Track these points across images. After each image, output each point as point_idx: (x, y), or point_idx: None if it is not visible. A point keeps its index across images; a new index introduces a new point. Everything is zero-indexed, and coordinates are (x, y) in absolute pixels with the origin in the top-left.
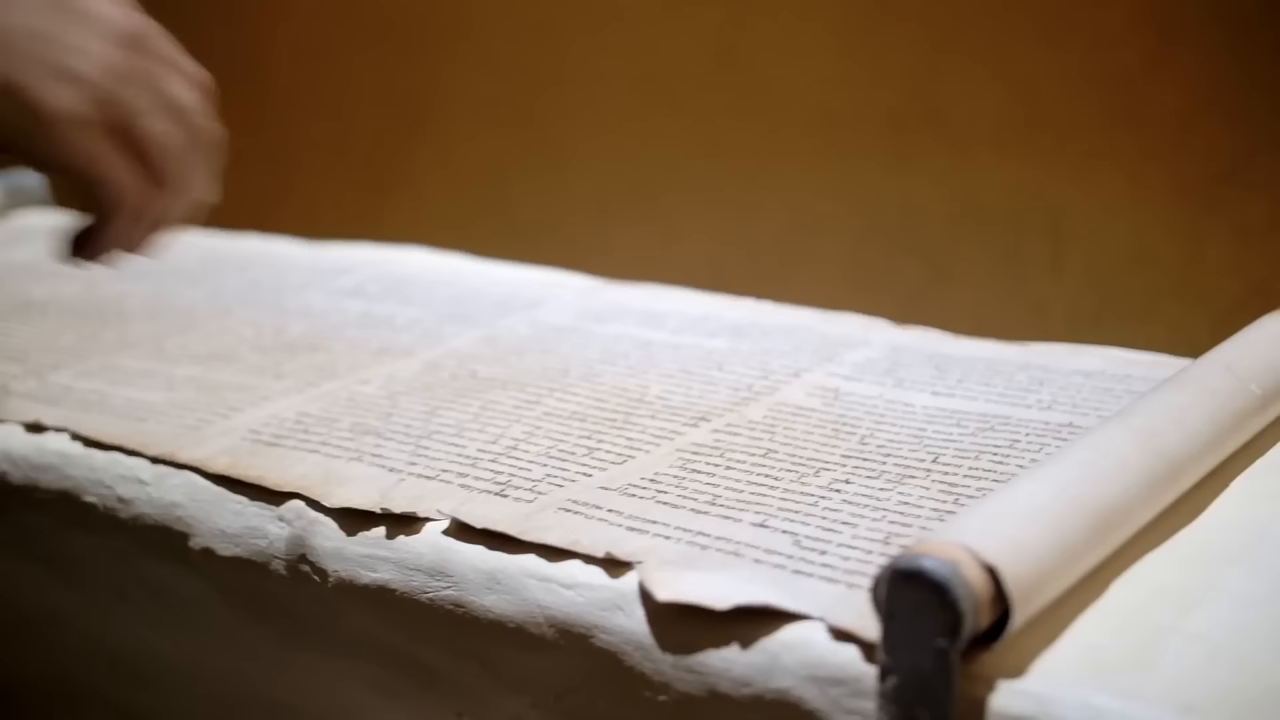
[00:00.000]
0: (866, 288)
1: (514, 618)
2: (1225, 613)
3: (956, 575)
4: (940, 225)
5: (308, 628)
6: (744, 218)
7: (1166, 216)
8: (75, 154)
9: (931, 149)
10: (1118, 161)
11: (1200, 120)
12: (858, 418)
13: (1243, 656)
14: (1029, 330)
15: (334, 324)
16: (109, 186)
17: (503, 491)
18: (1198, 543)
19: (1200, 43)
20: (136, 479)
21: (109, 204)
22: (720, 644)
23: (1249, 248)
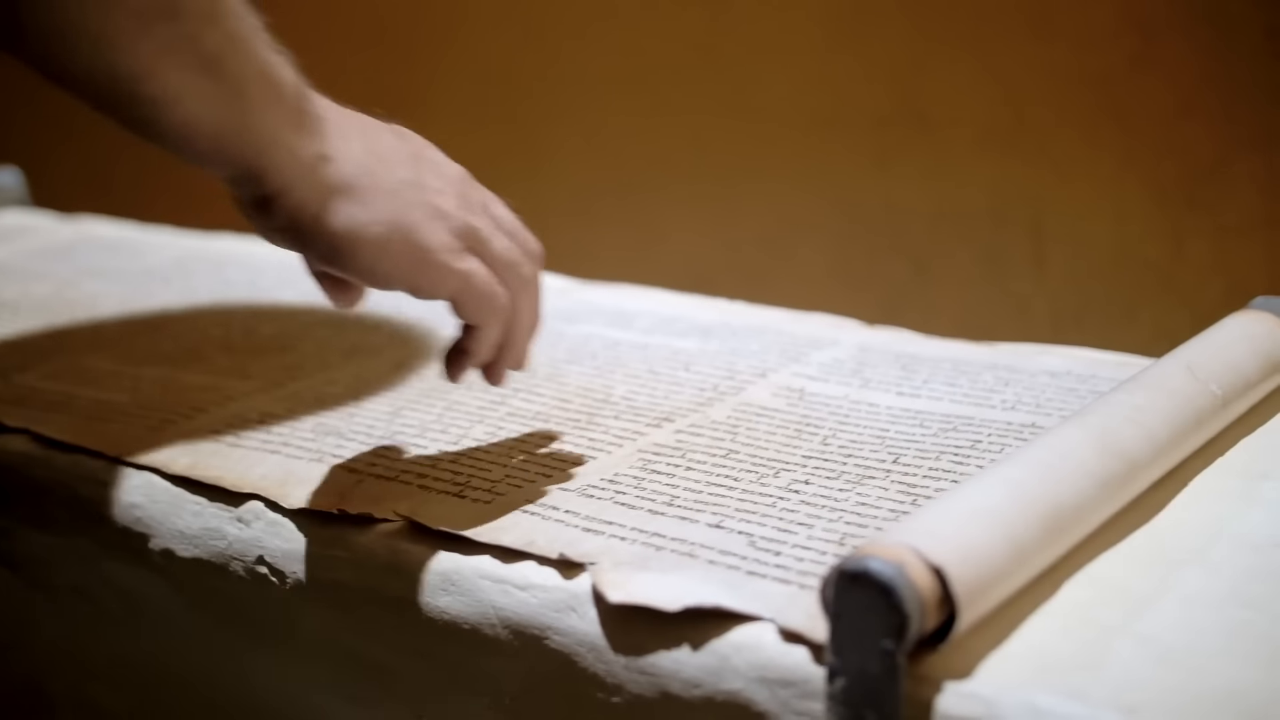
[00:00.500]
0: (849, 286)
1: (469, 619)
2: (1175, 613)
3: (902, 576)
4: (923, 224)
5: (269, 629)
6: (727, 216)
7: (1149, 215)
8: (452, 276)
9: (915, 148)
10: (1100, 161)
11: (1183, 119)
12: (821, 418)
13: (1191, 658)
14: (1011, 329)
15: (304, 324)
16: (483, 298)
17: (461, 492)
18: (1153, 543)
19: (1183, 43)
20: (97, 480)
21: (485, 313)
22: (671, 645)
23: (1231, 247)
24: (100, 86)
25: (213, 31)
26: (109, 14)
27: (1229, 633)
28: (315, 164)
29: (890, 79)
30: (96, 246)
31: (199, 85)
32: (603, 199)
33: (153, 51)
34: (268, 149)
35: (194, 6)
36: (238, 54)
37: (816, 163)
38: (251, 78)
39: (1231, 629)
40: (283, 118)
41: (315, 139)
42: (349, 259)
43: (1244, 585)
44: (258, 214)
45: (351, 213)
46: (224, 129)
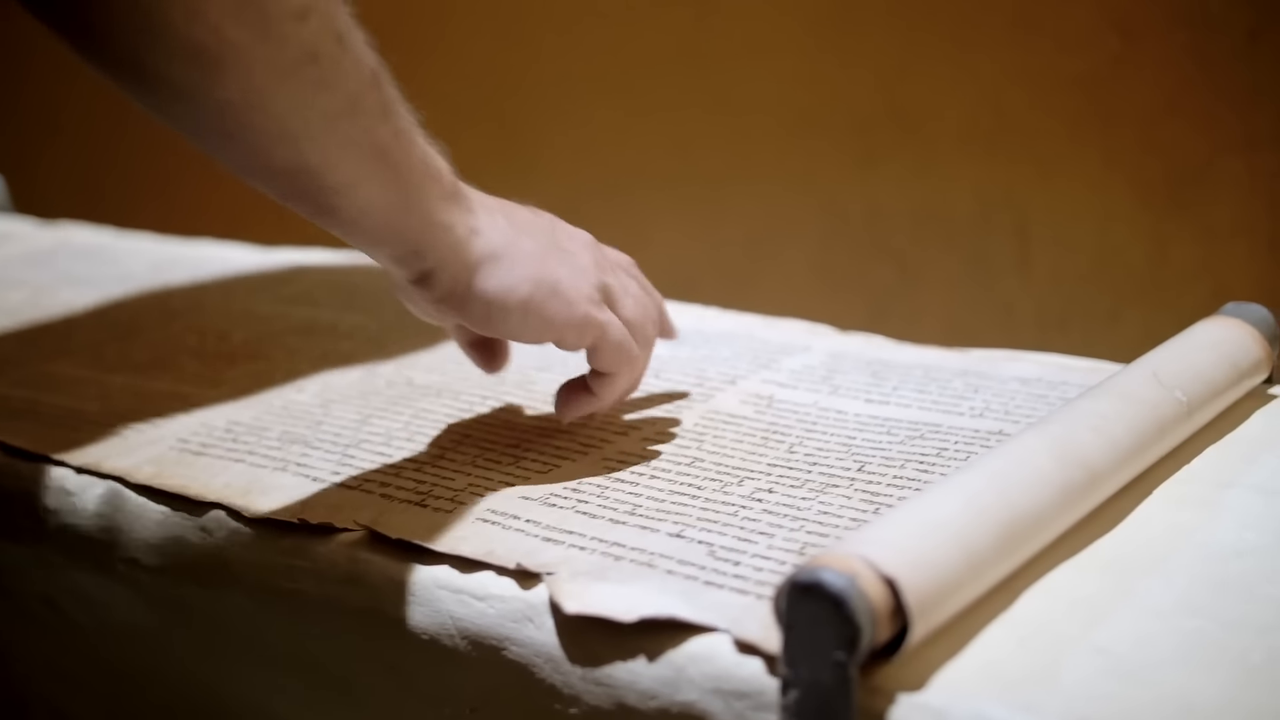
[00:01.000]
0: (834, 290)
1: (428, 630)
2: (1132, 624)
3: (854, 588)
4: (907, 227)
5: (234, 639)
6: (712, 219)
7: (1131, 219)
8: (593, 326)
9: (898, 150)
10: (1083, 164)
11: (1166, 121)
12: (789, 425)
13: (1146, 669)
14: (996, 332)
15: (277, 331)
16: (619, 349)
17: (423, 501)
18: (1114, 552)
19: (1165, 44)
20: (62, 489)
21: (619, 362)
22: (628, 656)
23: (1213, 250)
24: (293, 177)
25: (384, 127)
26: (304, 116)
27: (1184, 644)
28: (468, 237)
29: (874, 80)
30: (75, 253)
31: (374, 173)
32: (588, 201)
33: (337, 145)
34: (429, 227)
35: (370, 105)
36: (403, 145)
37: (801, 164)
38: (415, 165)
39: (1187, 640)
40: (440, 199)
41: (468, 216)
42: (501, 320)
43: (1201, 595)
44: (418, 289)
45: (500, 276)
46: (394, 210)
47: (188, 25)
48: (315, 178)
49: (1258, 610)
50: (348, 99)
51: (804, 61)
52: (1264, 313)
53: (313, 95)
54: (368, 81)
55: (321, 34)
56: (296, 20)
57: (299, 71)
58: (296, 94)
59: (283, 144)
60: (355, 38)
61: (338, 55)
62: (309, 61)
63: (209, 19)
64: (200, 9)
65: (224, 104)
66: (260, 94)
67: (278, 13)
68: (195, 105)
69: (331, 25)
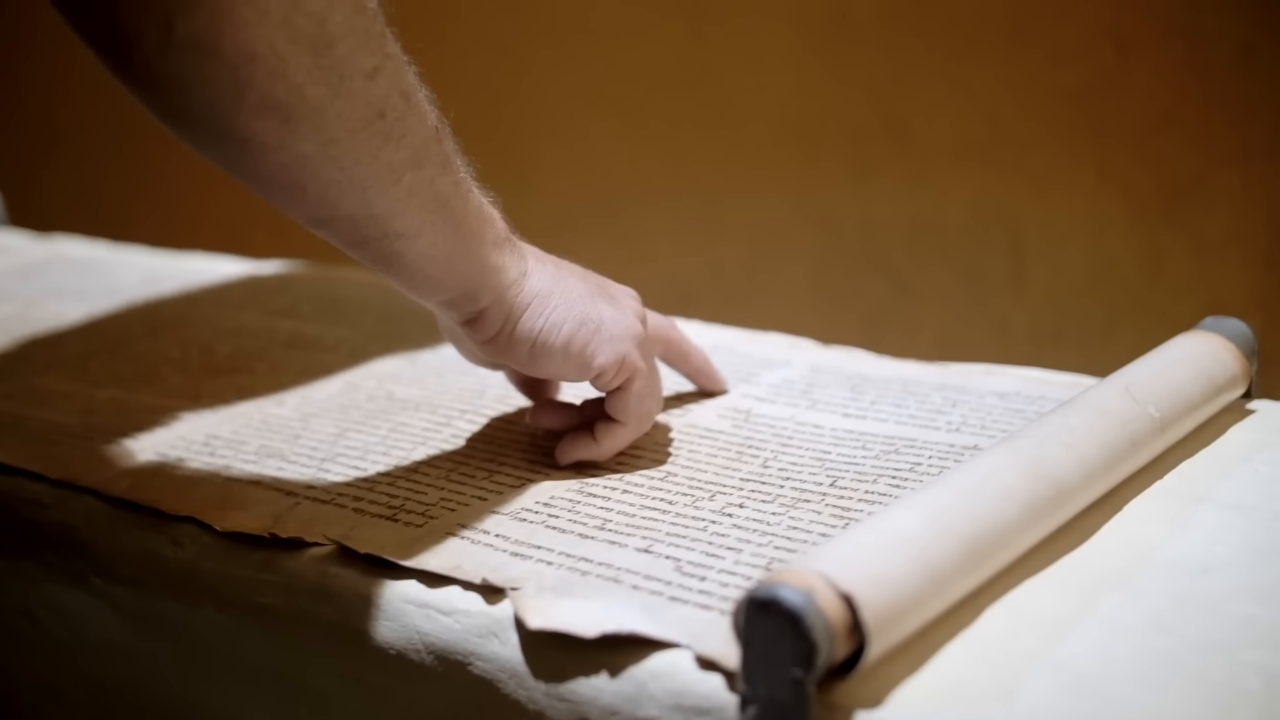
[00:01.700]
0: (831, 304)
1: (395, 644)
2: (1094, 641)
3: (811, 604)
4: (902, 240)
5: (208, 652)
6: (708, 233)
7: (1126, 232)
8: (628, 366)
9: (893, 164)
10: (1077, 177)
11: (1159, 134)
12: (764, 440)
13: (1105, 686)
14: (991, 347)
15: (262, 344)
16: (641, 398)
17: (395, 516)
18: (1080, 568)
19: (1158, 58)
20: (39, 503)
21: (636, 413)
22: (590, 672)
23: (1207, 264)
24: (360, 225)
25: (445, 178)
26: (373, 167)
27: (1145, 661)
28: (519, 280)
29: (869, 94)
30: (66, 266)
31: (435, 220)
32: (586, 215)
33: (402, 195)
34: (483, 271)
35: (432, 157)
36: (462, 195)
37: (797, 178)
38: (472, 213)
39: (1148, 657)
40: (494, 245)
41: (519, 260)
42: (545, 357)
43: (1166, 612)
44: (469, 329)
45: (547, 315)
46: (452, 255)
47: (271, 84)
48: (380, 225)
49: (1221, 627)
50: (413, 151)
51: (799, 76)
52: (1242, 327)
53: (380, 147)
54: (431, 135)
55: (390, 91)
56: (367, 78)
57: (369, 125)
58: (366, 146)
59: (352, 193)
60: (419, 95)
61: (404, 111)
62: (378, 116)
63: (291, 79)
64: (282, 70)
65: (301, 157)
66: (334, 146)
67: (350, 71)
68: (273, 158)
69: (399, 83)
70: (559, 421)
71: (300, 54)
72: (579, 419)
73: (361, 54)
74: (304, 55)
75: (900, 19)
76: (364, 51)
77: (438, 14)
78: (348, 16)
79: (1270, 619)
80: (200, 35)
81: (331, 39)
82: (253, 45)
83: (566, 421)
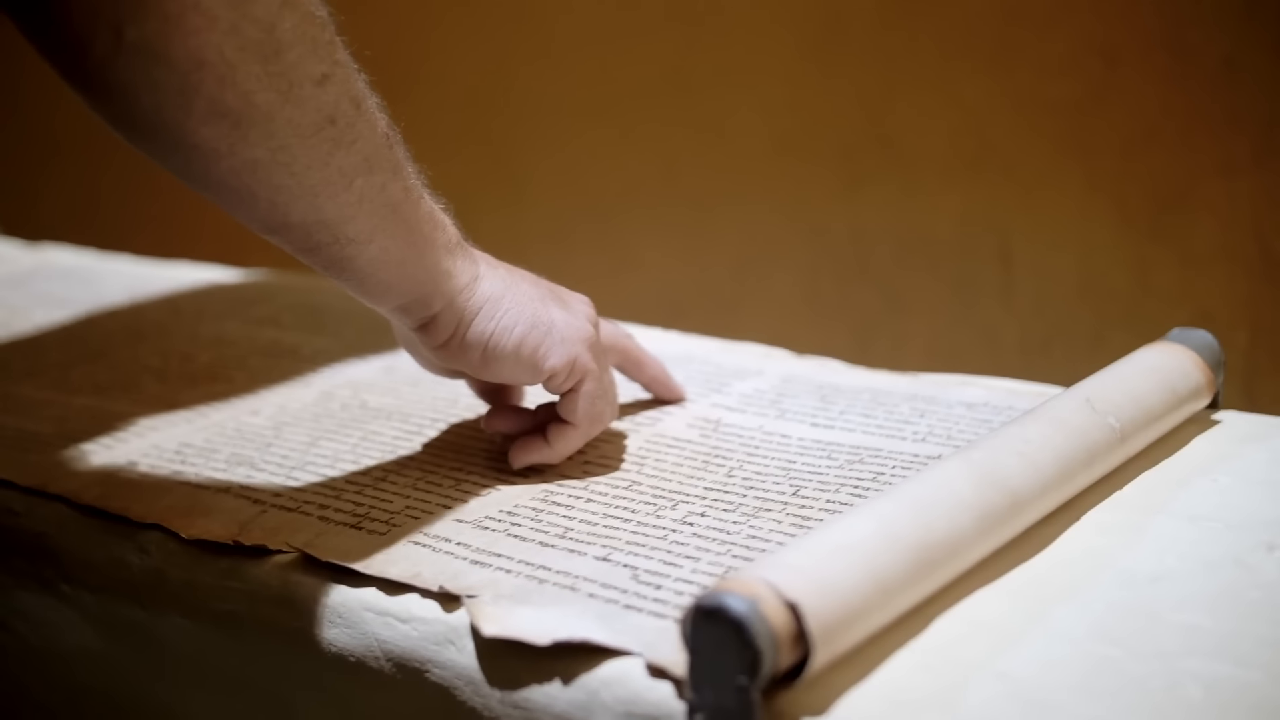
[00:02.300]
0: (821, 314)
1: (354, 651)
2: (1039, 649)
3: (756, 612)
4: (892, 251)
5: (176, 659)
6: (699, 244)
7: (1113, 244)
8: (580, 368)
9: (883, 175)
10: (1065, 189)
11: (1145, 148)
12: (731, 449)
13: (1045, 694)
14: (980, 357)
15: (241, 353)
16: (594, 399)
17: (359, 524)
18: (1031, 578)
19: (1143, 71)
20: (9, 510)
21: (588, 415)
22: (544, 679)
23: (1195, 275)
24: (311, 231)
25: (396, 184)
26: (323, 173)
27: (1088, 669)
28: (471, 284)
29: (859, 105)
30: (53, 275)
31: (386, 226)
32: (575, 224)
33: (353, 201)
34: (435, 276)
35: (382, 164)
36: (413, 200)
37: (787, 188)
38: (423, 219)
39: (1091, 665)
40: (445, 250)
41: (471, 265)
42: (496, 361)
43: (1112, 622)
44: (422, 335)
45: (498, 318)
46: (404, 261)
47: (220, 91)
48: (332, 230)
49: (1165, 636)
50: (363, 158)
51: (789, 86)
52: (1208, 339)
53: (331, 153)
54: (381, 142)
55: (340, 98)
56: (316, 85)
57: (319, 132)
58: (316, 152)
59: (303, 199)
60: (369, 102)
61: (354, 117)
62: (328, 123)
63: (240, 85)
64: (231, 76)
65: (251, 162)
66: (284, 152)
67: (300, 78)
68: (224, 164)
69: (349, 90)
70: (513, 426)
71: (249, 61)
72: (532, 423)
73: (311, 61)
74: (253, 62)
75: (891, 31)
76: (313, 59)
77: (429, 23)
78: (296, 24)
79: (1214, 628)
80: (149, 41)
81: (280, 46)
82: (201, 52)
83: (520, 426)
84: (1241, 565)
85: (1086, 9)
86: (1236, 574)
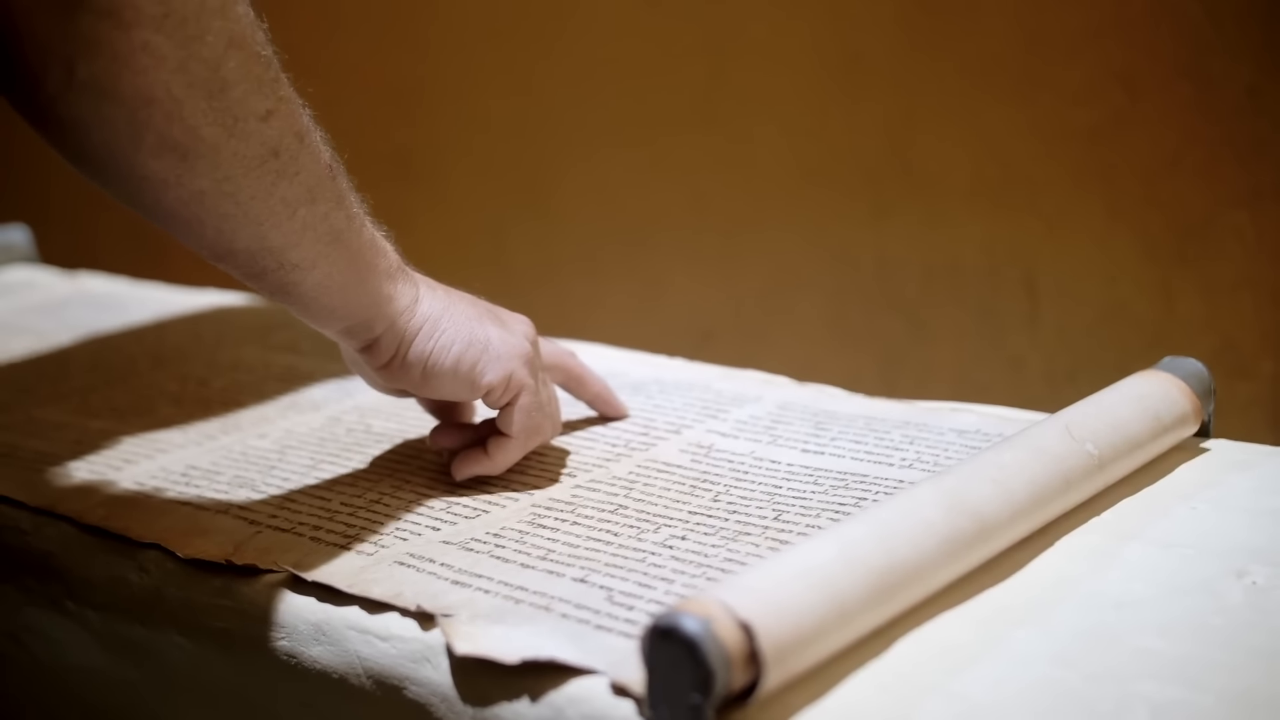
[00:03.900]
0: (848, 341)
1: (338, 669)
2: (995, 671)
3: (708, 633)
4: (917, 279)
5: (175, 676)
6: (727, 271)
7: (1137, 273)
8: (516, 384)
9: (907, 203)
10: (1088, 218)
11: (1168, 176)
12: (719, 474)
13: (996, 715)
14: (1006, 386)
15: (257, 378)
16: (532, 412)
17: (348, 545)
18: (998, 602)
19: (1166, 100)
20: (18, 529)
21: (527, 428)
22: (513, 697)
23: (1220, 304)
24: (256, 257)
25: (339, 213)
26: (268, 202)
27: (1040, 691)
28: (411, 306)
29: (883, 134)
30: (86, 302)
31: (329, 253)
32: (607, 249)
33: (296, 229)
34: (377, 299)
35: (326, 194)
36: (355, 229)
37: (813, 216)
38: (365, 246)
39: (1044, 688)
40: (386, 274)
41: (410, 288)
42: (436, 378)
43: (1071, 645)
44: (367, 355)
45: (436, 338)
46: (346, 286)
47: (168, 126)
48: (276, 257)
49: (1123, 661)
50: (306, 189)
51: (814, 115)
52: (1198, 367)
53: (274, 184)
54: (324, 173)
55: (284, 132)
56: (261, 120)
57: (264, 164)
58: (261, 183)
59: (248, 227)
60: (313, 136)
61: (297, 150)
62: (272, 156)
63: (187, 120)
64: (179, 112)
65: (198, 193)
66: (229, 183)
67: (245, 114)
68: (172, 194)
69: (293, 125)
70: (455, 441)
71: (196, 97)
72: (474, 437)
73: (255, 98)
74: (200, 99)
75: (914, 61)
76: (258, 95)
77: (466, 52)
78: (241, 63)
79: (1171, 653)
80: (99, 79)
81: (226, 83)
82: (150, 89)
83: (463, 440)
84: (1209, 591)
85: (1108, 38)
86: (1203, 600)
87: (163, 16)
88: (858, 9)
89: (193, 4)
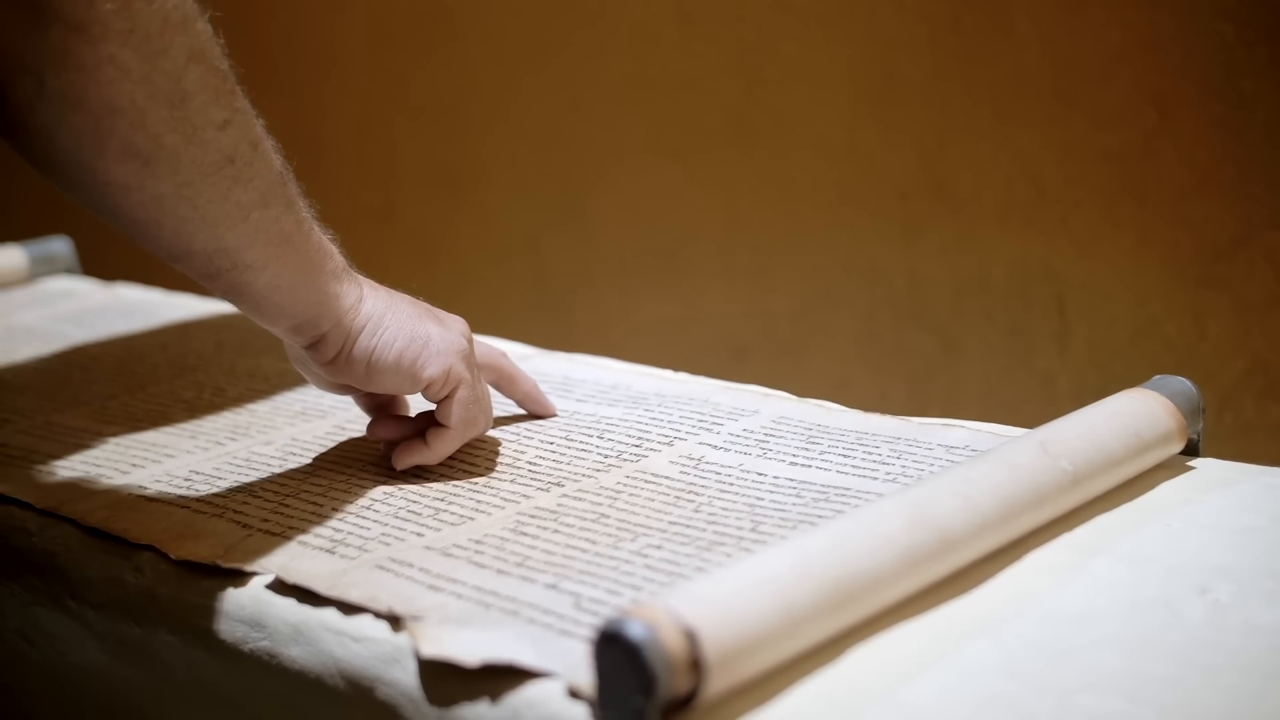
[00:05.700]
0: (878, 361)
1: (314, 669)
2: (941, 682)
3: (652, 638)
4: (949, 298)
5: (170, 675)
6: (760, 288)
7: (1167, 293)
8: (454, 378)
9: (939, 222)
10: (1119, 237)
11: (1200, 196)
12: (705, 486)
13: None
14: (1036, 405)
15: (271, 387)
16: (469, 405)
17: (333, 549)
18: (957, 614)
19: (1198, 120)
20: (25, 529)
21: (464, 420)
22: (474, 699)
23: (1251, 324)
24: (211, 258)
25: (289, 217)
26: (223, 206)
27: (985, 702)
28: (355, 305)
29: (915, 154)
30: (120, 310)
31: (280, 254)
32: (644, 268)
33: (249, 231)
34: (323, 298)
35: (277, 199)
36: (304, 232)
37: (845, 235)
38: (313, 248)
39: (990, 699)
40: (333, 275)
41: (355, 288)
42: (379, 373)
43: (1023, 657)
44: (311, 353)
45: (379, 335)
46: (295, 285)
47: (132, 134)
48: (230, 258)
49: (1072, 673)
50: (259, 194)
51: (848, 136)
52: (1186, 386)
53: (230, 189)
54: (276, 180)
55: (239, 141)
56: (218, 129)
57: (220, 170)
58: (217, 188)
59: (204, 229)
60: (266, 145)
61: (251, 158)
62: (228, 162)
63: (150, 129)
64: (142, 121)
65: (158, 196)
66: (188, 188)
67: (203, 123)
68: (133, 198)
69: (248, 134)
70: (394, 432)
71: (158, 107)
72: (413, 429)
73: (214, 108)
74: (162, 108)
75: (945, 81)
76: (216, 106)
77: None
78: (201, 75)
79: (1120, 666)
80: (68, 90)
81: (186, 94)
82: (115, 99)
83: (401, 432)
84: (1168, 608)
85: (1140, 58)
86: (1162, 616)
87: (128, 31)
88: (891, 30)
89: (156, 20)
